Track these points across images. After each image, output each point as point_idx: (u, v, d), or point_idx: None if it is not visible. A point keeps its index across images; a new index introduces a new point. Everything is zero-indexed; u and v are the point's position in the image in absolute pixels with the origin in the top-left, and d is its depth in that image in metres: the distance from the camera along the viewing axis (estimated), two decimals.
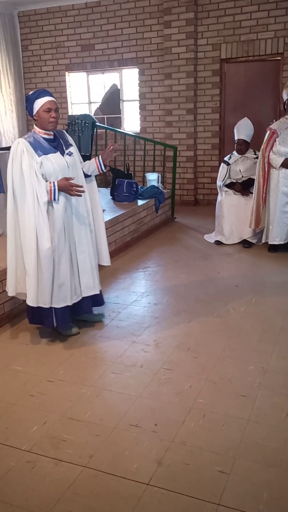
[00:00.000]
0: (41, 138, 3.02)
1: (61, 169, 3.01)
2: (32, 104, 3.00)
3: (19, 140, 2.99)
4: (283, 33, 6.68)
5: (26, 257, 3.02)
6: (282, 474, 2.01)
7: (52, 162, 2.98)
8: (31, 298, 3.04)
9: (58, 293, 3.08)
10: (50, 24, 8.17)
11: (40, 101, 2.97)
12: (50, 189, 2.94)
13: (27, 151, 2.93)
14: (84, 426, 2.36)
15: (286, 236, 4.97)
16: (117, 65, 7.86)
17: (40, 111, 2.97)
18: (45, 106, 2.97)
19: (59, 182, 2.95)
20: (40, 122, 3.00)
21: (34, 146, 2.96)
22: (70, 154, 3.09)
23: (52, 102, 3.00)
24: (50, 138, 3.05)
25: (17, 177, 2.93)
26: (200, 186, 7.73)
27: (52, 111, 2.98)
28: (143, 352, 3.07)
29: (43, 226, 2.94)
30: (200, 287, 4.17)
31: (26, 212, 2.95)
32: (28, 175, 2.91)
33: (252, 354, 3.00)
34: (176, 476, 2.02)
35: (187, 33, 7.05)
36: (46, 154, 2.97)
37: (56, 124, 3.04)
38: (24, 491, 1.97)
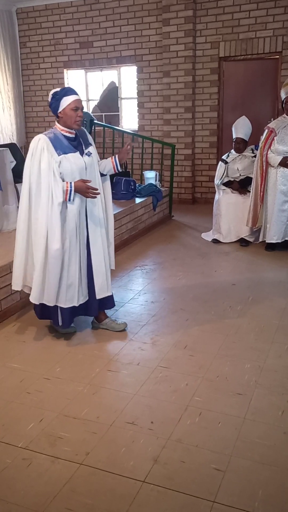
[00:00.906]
0: (62, 136, 2.96)
1: (78, 169, 2.97)
2: (59, 101, 2.92)
3: (40, 136, 2.94)
4: (281, 32, 6.68)
5: (35, 254, 3.01)
6: (277, 472, 2.02)
7: (71, 162, 2.93)
8: (34, 295, 3.05)
9: (66, 293, 3.05)
10: (49, 21, 8.15)
11: (68, 98, 2.91)
12: (67, 190, 2.90)
13: (47, 149, 2.88)
14: (81, 423, 2.36)
15: (284, 234, 4.98)
16: (116, 62, 7.84)
17: (67, 109, 2.91)
18: (73, 104, 2.91)
19: (76, 183, 2.91)
20: (64, 120, 2.94)
21: (55, 144, 2.91)
22: (89, 154, 3.04)
23: (79, 101, 2.95)
24: (71, 136, 3.00)
25: (34, 174, 2.90)
26: (198, 185, 7.74)
27: (79, 110, 2.93)
28: (140, 350, 3.08)
29: (55, 226, 2.91)
30: (197, 286, 4.17)
31: (40, 210, 2.93)
32: (46, 174, 2.87)
33: (248, 352, 3.01)
34: (172, 473, 2.03)
35: (186, 31, 7.04)
36: (65, 153, 2.93)
37: (81, 123, 3.01)
38: (21, 489, 1.97)
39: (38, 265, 2.99)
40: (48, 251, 2.95)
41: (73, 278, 3.05)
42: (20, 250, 3.08)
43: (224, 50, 7.05)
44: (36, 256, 3.01)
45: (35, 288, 3.03)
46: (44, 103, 8.59)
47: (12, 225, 4.53)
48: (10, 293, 3.59)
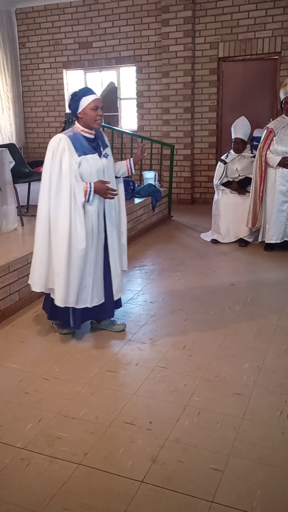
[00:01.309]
0: (82, 137, 2.95)
1: (97, 171, 2.96)
2: (78, 102, 2.92)
3: (60, 136, 2.91)
4: (280, 32, 6.69)
5: (56, 256, 2.96)
6: (276, 472, 2.02)
7: (90, 164, 2.92)
8: (59, 298, 3.00)
9: (81, 294, 3.04)
10: (48, 21, 8.15)
11: (87, 98, 2.90)
12: (86, 190, 2.89)
13: (68, 150, 2.86)
14: (79, 423, 2.36)
15: (283, 235, 4.98)
16: (115, 63, 7.85)
17: (87, 108, 2.90)
18: (92, 104, 2.90)
19: (96, 184, 2.91)
20: (85, 120, 2.93)
21: (75, 145, 2.89)
22: (106, 156, 3.04)
23: (99, 100, 2.94)
24: (91, 137, 2.99)
25: (55, 175, 2.87)
26: (197, 185, 7.74)
27: (98, 109, 2.92)
28: (139, 350, 3.08)
29: (79, 226, 2.89)
30: (196, 286, 4.17)
31: (61, 211, 2.89)
32: (67, 174, 2.85)
33: (247, 352, 3.01)
34: (171, 473, 2.03)
35: (185, 31, 7.04)
36: (85, 154, 2.91)
37: (101, 123, 3.00)
38: (19, 489, 1.97)
39: (62, 267, 2.94)
40: (73, 251, 2.92)
41: (88, 279, 3.02)
42: (41, 251, 3.02)
43: (223, 51, 7.05)
44: (58, 257, 2.96)
45: (61, 290, 2.98)
46: (43, 104, 8.60)
47: (11, 225, 4.53)
48: (9, 293, 3.59)
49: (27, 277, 3.76)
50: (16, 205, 4.61)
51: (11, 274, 3.62)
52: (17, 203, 4.65)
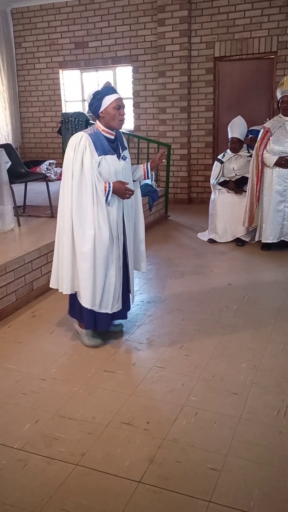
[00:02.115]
0: (102, 137, 2.89)
1: (115, 172, 2.91)
2: (100, 101, 2.85)
3: (82, 134, 2.85)
4: (276, 32, 6.69)
5: (81, 256, 2.89)
6: (273, 472, 2.02)
7: (109, 164, 2.87)
8: (87, 300, 2.93)
9: (104, 298, 2.98)
10: (44, 21, 8.13)
11: (110, 97, 2.85)
12: (105, 190, 2.83)
13: (89, 148, 2.81)
14: (77, 424, 2.36)
15: (279, 234, 4.99)
16: (111, 62, 7.84)
17: (109, 108, 2.84)
18: (115, 103, 2.84)
19: (115, 184, 2.85)
20: (107, 119, 2.87)
21: (96, 144, 2.83)
22: (124, 158, 2.99)
23: (121, 100, 2.88)
24: (111, 138, 2.93)
25: (76, 174, 2.81)
26: (194, 184, 7.74)
27: (121, 108, 2.86)
28: (136, 350, 3.08)
29: (103, 224, 2.85)
30: (193, 285, 4.18)
31: (85, 210, 2.83)
32: (89, 173, 2.80)
33: (244, 352, 3.02)
34: (168, 473, 2.03)
35: (181, 31, 7.04)
36: (105, 154, 2.86)
37: (123, 123, 2.93)
38: (16, 490, 1.97)
39: (88, 268, 2.87)
40: (97, 250, 2.86)
41: (109, 284, 2.96)
42: (68, 252, 2.93)
43: (219, 50, 7.06)
44: (83, 258, 2.88)
45: (89, 292, 2.91)
46: (39, 104, 8.58)
47: (8, 226, 4.52)
48: (6, 294, 3.59)
49: (24, 277, 3.78)
50: (13, 205, 4.61)
51: (8, 274, 3.61)
52: (14, 204, 4.64)
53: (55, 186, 7.10)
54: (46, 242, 4.10)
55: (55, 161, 8.36)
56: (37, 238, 4.27)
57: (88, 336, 3.14)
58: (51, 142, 8.64)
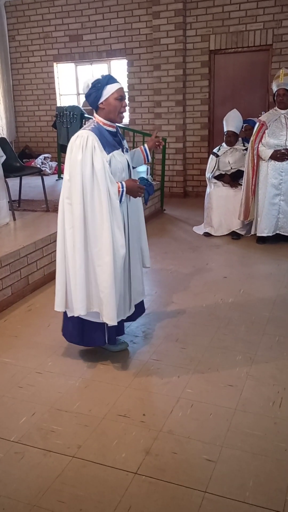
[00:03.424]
0: (105, 132, 2.63)
1: (124, 168, 2.69)
2: (101, 90, 2.57)
3: (88, 133, 2.54)
4: (271, 24, 6.68)
5: (99, 269, 2.57)
6: (268, 462, 2.04)
7: (118, 161, 2.64)
8: (112, 316, 2.59)
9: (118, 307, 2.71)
10: (38, 14, 8.08)
11: (112, 87, 2.58)
12: (118, 191, 2.60)
13: (98, 147, 2.53)
14: (73, 417, 2.37)
15: (274, 228, 5.00)
16: (106, 56, 7.80)
17: (111, 98, 2.58)
18: (117, 93, 2.58)
19: (128, 183, 2.64)
20: (107, 111, 2.61)
21: (102, 142, 2.57)
22: (127, 150, 2.78)
23: (123, 90, 2.63)
24: (113, 131, 2.68)
25: (87, 177, 2.50)
26: (190, 178, 7.74)
27: (123, 99, 2.62)
28: (132, 343, 3.08)
29: (117, 231, 2.58)
30: (189, 279, 4.18)
31: (100, 218, 2.53)
32: (102, 175, 2.50)
33: (239, 344, 3.03)
34: (164, 465, 2.04)
35: (176, 24, 7.01)
36: (112, 151, 2.61)
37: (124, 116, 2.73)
38: (13, 482, 1.97)
39: (109, 281, 2.56)
40: (116, 260, 2.58)
41: (120, 289, 2.72)
42: (82, 269, 2.59)
43: (214, 43, 7.03)
44: (102, 271, 2.56)
45: (113, 307, 2.59)
46: (33, 97, 8.54)
47: (3, 220, 4.51)
48: (1, 288, 3.58)
49: (20, 271, 3.77)
50: (8, 199, 4.59)
51: (3, 269, 3.61)
52: (9, 198, 4.62)
53: (50, 180, 7.09)
54: (41, 236, 4.10)
55: (50, 155, 8.33)
56: (33, 232, 4.26)
57: (113, 345, 2.95)
58: (46, 136, 8.61)
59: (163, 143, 2.96)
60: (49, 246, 4.14)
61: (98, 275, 2.59)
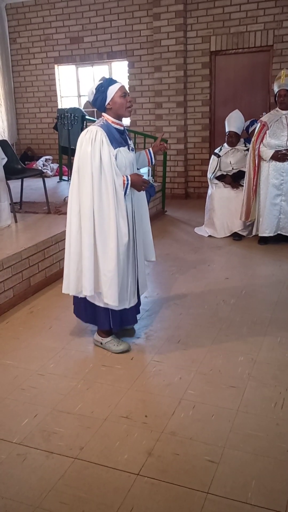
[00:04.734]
0: (113, 129, 2.82)
1: (129, 164, 2.86)
2: (105, 92, 2.78)
3: (96, 128, 2.74)
4: (272, 25, 6.68)
5: (105, 255, 2.77)
6: (270, 463, 2.04)
7: (123, 156, 2.81)
8: (114, 299, 2.79)
9: (121, 294, 2.89)
10: (38, 16, 8.10)
11: (114, 87, 2.79)
12: (124, 183, 2.77)
13: (106, 142, 2.72)
14: (75, 418, 2.37)
15: (276, 228, 5.00)
16: (106, 58, 7.82)
17: (116, 97, 2.77)
18: (120, 91, 2.78)
19: (133, 177, 2.81)
20: (115, 109, 2.80)
21: (110, 137, 2.76)
22: (132, 149, 2.95)
23: (124, 87, 2.83)
24: (121, 129, 2.87)
25: (96, 169, 2.70)
26: (191, 179, 7.74)
27: (127, 95, 2.81)
28: (134, 344, 3.09)
29: (122, 220, 2.77)
30: (191, 280, 4.18)
31: (107, 207, 2.73)
32: (108, 167, 2.70)
33: (241, 345, 3.03)
34: (166, 466, 2.04)
35: (177, 25, 7.02)
36: (119, 147, 2.80)
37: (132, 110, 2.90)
38: (15, 484, 1.98)
39: (112, 266, 2.76)
40: (119, 247, 2.78)
41: (125, 279, 2.91)
42: (89, 252, 2.78)
43: (215, 44, 7.04)
44: (107, 256, 2.77)
45: (114, 291, 2.79)
46: (35, 99, 8.56)
47: (5, 222, 4.52)
48: (3, 290, 3.59)
49: (21, 273, 3.78)
50: (9, 201, 4.60)
51: (5, 271, 3.61)
52: (10, 200, 4.63)
53: (51, 182, 7.10)
54: (43, 238, 4.10)
55: (51, 157, 8.34)
56: (34, 234, 4.27)
57: (114, 342, 3.02)
58: (47, 138, 8.63)
59: (167, 148, 3.05)
60: (50, 248, 4.15)
61: (104, 259, 2.79)
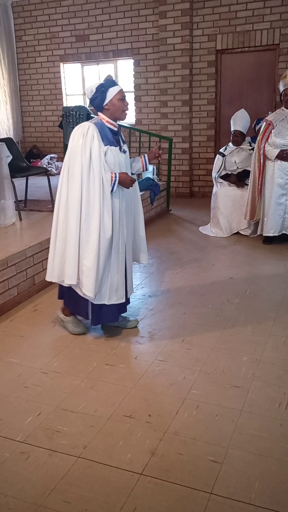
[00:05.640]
0: (107, 128, 2.92)
1: (119, 164, 2.94)
2: (105, 93, 2.88)
3: (89, 124, 2.87)
4: (278, 24, 6.65)
5: (87, 246, 2.88)
6: (274, 464, 2.03)
7: (113, 154, 2.90)
8: (90, 289, 2.90)
9: (100, 289, 2.99)
10: (44, 14, 8.09)
11: (114, 89, 2.89)
12: (112, 179, 2.86)
13: (97, 137, 2.83)
14: (79, 417, 2.37)
15: (281, 228, 4.98)
16: (112, 56, 7.80)
17: (114, 99, 2.89)
18: (119, 94, 2.89)
19: (121, 175, 2.89)
20: (112, 111, 2.91)
21: (101, 134, 2.86)
22: (124, 152, 3.03)
23: (123, 91, 2.95)
24: (115, 130, 2.97)
25: (86, 163, 2.81)
26: (196, 178, 7.72)
27: (125, 99, 2.93)
28: (138, 343, 3.08)
29: (106, 215, 2.86)
30: (195, 279, 4.18)
31: (93, 199, 2.84)
32: (97, 161, 2.81)
33: (245, 345, 3.02)
34: (170, 466, 2.04)
35: (183, 23, 7.00)
36: (110, 145, 2.90)
37: None
38: (18, 482, 1.98)
39: (93, 257, 2.86)
40: (101, 240, 2.87)
41: (109, 276, 2.99)
42: (74, 241, 2.89)
43: (221, 43, 7.01)
44: (89, 247, 2.88)
45: (92, 282, 2.89)
46: (40, 97, 8.56)
47: (9, 220, 4.52)
48: (8, 288, 3.60)
49: (26, 271, 3.78)
50: (14, 199, 4.60)
51: (10, 268, 3.62)
52: (15, 198, 4.64)
53: (56, 181, 7.08)
54: (47, 236, 4.09)
55: (56, 155, 8.34)
56: (39, 232, 4.27)
57: (73, 323, 3.20)
58: (52, 136, 8.63)
59: (161, 157, 3.25)
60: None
61: (85, 250, 2.90)
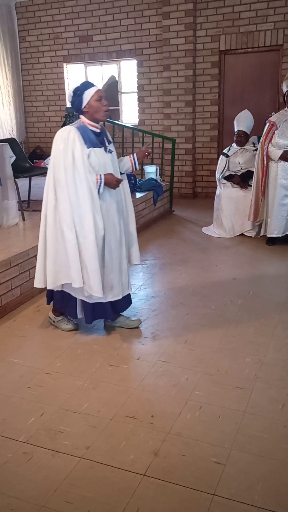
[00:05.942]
0: (89, 130, 2.93)
1: (104, 165, 2.96)
2: (81, 96, 2.90)
3: (70, 128, 2.90)
4: (282, 25, 6.64)
5: (87, 246, 2.91)
6: (277, 465, 2.02)
7: (98, 156, 2.92)
8: (96, 289, 2.94)
9: None
10: (48, 15, 8.11)
11: (90, 91, 2.90)
12: (97, 181, 2.88)
13: (79, 141, 2.85)
14: (81, 417, 2.37)
15: (284, 229, 4.97)
16: (115, 56, 7.81)
17: (92, 101, 2.90)
18: (96, 95, 2.90)
19: (106, 176, 2.91)
20: (91, 113, 2.92)
21: (83, 137, 2.88)
22: (110, 152, 3.04)
23: (101, 91, 2.95)
24: (97, 131, 2.98)
25: (69, 167, 2.84)
26: (199, 179, 7.72)
27: (103, 99, 2.93)
28: (140, 344, 3.08)
29: (97, 215, 2.90)
30: (198, 280, 4.17)
31: (82, 203, 2.87)
32: (81, 164, 2.83)
33: (248, 346, 3.01)
34: (172, 467, 2.03)
35: (186, 24, 7.00)
36: (93, 147, 2.91)
37: (108, 113, 3.01)
38: (21, 482, 1.98)
39: (93, 259, 2.90)
40: (88, 241, 2.90)
41: (104, 274, 3.01)
42: (72, 245, 2.93)
43: (224, 44, 7.01)
44: (87, 250, 2.91)
45: (97, 281, 2.94)
46: (43, 98, 8.57)
47: (12, 221, 4.53)
48: (11, 288, 3.60)
49: (29, 272, 3.79)
50: (17, 200, 4.61)
51: (12, 269, 3.62)
52: (18, 198, 4.64)
53: None
54: None
55: None
56: None
57: (64, 321, 3.27)
58: None
59: (150, 155, 3.28)
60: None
61: (85, 251, 2.92)
